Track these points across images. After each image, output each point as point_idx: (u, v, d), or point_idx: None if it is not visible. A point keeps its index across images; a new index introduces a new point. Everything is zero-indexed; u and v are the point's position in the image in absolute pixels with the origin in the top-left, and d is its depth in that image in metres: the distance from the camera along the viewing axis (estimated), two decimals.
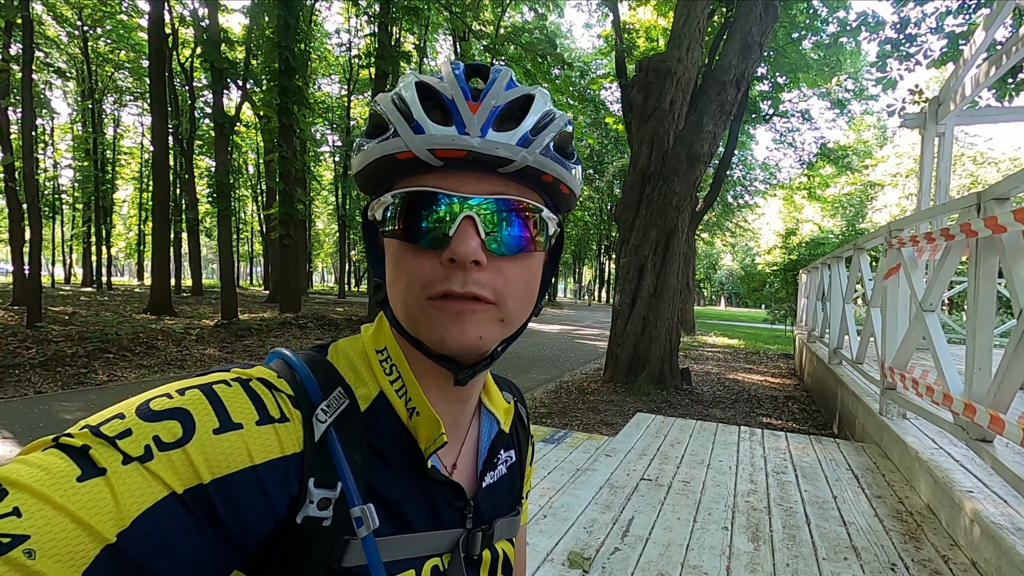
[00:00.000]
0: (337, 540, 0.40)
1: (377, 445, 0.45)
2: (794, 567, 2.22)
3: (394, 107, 0.44)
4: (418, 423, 0.46)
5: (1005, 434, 2.11)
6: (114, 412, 0.35)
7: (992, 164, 26.82)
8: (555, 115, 0.47)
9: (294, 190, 13.62)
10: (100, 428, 0.34)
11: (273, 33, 12.44)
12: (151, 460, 0.33)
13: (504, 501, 0.56)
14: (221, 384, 0.39)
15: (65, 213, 30.04)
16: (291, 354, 0.46)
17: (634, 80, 7.91)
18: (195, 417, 0.36)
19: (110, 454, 0.33)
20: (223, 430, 0.36)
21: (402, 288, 0.44)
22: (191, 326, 10.34)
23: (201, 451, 0.35)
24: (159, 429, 0.34)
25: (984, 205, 2.50)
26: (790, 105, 17.76)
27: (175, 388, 0.38)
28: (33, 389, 6.01)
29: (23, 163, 9.91)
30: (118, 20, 18.37)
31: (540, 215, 0.46)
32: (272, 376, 0.42)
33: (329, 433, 0.42)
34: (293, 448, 0.39)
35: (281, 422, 0.40)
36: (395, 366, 0.48)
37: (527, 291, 0.47)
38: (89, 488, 0.31)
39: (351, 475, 0.41)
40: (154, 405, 0.36)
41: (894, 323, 3.86)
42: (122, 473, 0.32)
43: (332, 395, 0.44)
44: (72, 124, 26.23)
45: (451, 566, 0.48)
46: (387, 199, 0.44)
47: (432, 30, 18.37)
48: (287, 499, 0.38)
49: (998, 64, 5.67)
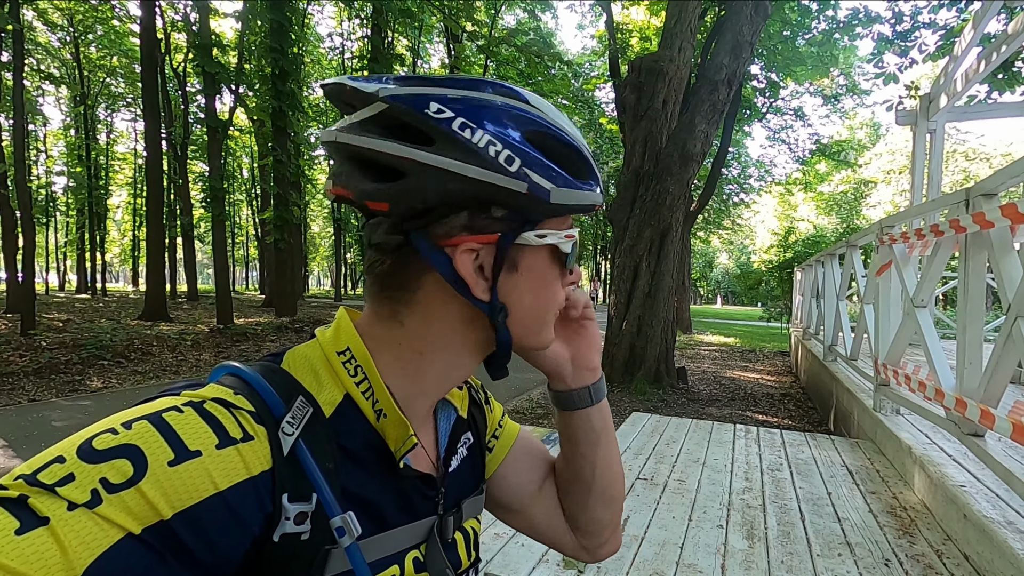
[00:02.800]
0: (318, 551, 0.40)
1: (348, 448, 0.44)
2: (789, 564, 2.23)
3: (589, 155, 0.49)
4: (386, 425, 0.46)
5: (995, 428, 2.12)
6: (52, 456, 0.33)
7: (984, 160, 26.98)
8: None
9: (289, 194, 13.62)
10: (37, 476, 0.31)
11: (266, 36, 12.44)
12: (100, 504, 0.31)
13: (468, 482, 0.57)
14: (172, 411, 0.37)
15: (58, 219, 29.93)
16: (244, 367, 0.44)
17: (627, 80, 7.94)
18: (145, 452, 0.34)
19: (52, 502, 0.30)
20: (179, 460, 0.34)
21: (549, 310, 0.51)
22: (186, 332, 10.31)
23: (157, 486, 0.33)
24: (106, 470, 0.32)
25: (972, 201, 2.51)
26: (783, 103, 17.82)
27: (120, 421, 0.36)
28: (27, 397, 5.98)
29: (15, 170, 9.88)
30: (110, 26, 18.33)
31: None
32: (228, 394, 0.40)
33: (298, 445, 0.40)
34: (261, 466, 0.38)
35: (244, 441, 0.38)
36: (360, 367, 0.47)
37: None
38: (31, 540, 0.29)
39: (326, 484, 0.40)
40: (97, 444, 0.33)
41: (887, 319, 3.88)
42: (68, 520, 0.30)
43: (295, 405, 0.42)
44: (65, 130, 26.15)
45: (429, 554, 0.49)
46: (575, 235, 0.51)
47: (425, 32, 18.38)
48: (261, 518, 0.37)
49: (988, 59, 5.71)
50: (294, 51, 13.39)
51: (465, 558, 0.55)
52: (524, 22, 19.06)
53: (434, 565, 0.49)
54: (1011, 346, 2.12)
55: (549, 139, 0.46)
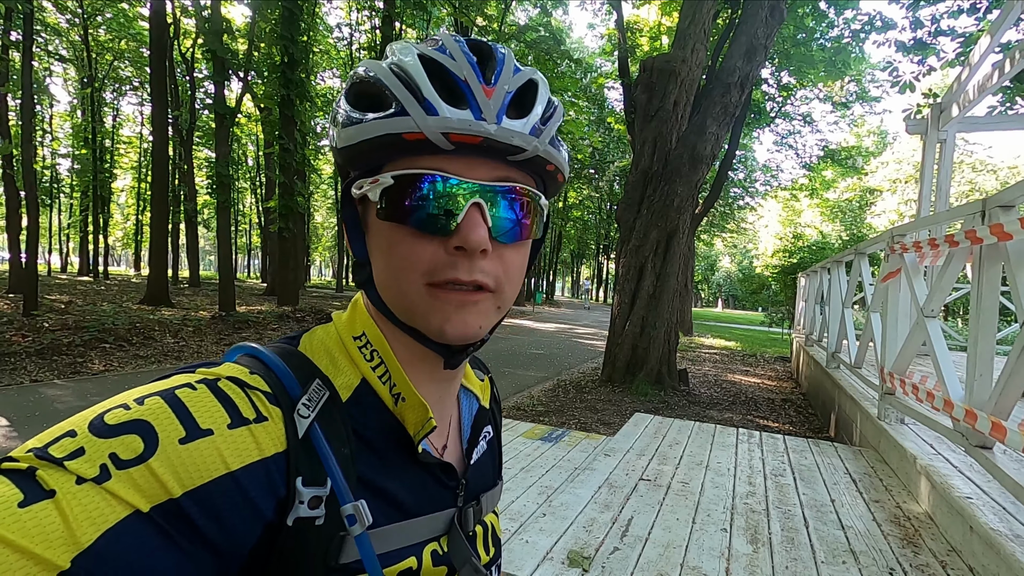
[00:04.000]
0: (333, 537, 0.39)
1: (364, 434, 0.43)
2: (793, 570, 2.22)
3: (397, 80, 0.41)
4: (404, 409, 0.45)
5: (1007, 441, 2.11)
6: (64, 430, 0.33)
7: (991, 172, 26.91)
8: (555, 104, 0.47)
9: (294, 183, 13.59)
10: (47, 449, 0.31)
11: (277, 24, 12.39)
12: (109, 480, 0.30)
13: (488, 475, 0.56)
14: (185, 388, 0.36)
15: (62, 201, 29.92)
16: (262, 348, 0.43)
17: (638, 80, 7.90)
18: (157, 428, 0.33)
19: (60, 475, 0.30)
20: (190, 438, 0.34)
21: (399, 273, 0.42)
22: (188, 317, 10.30)
23: (167, 464, 0.32)
24: (116, 446, 0.32)
25: (989, 212, 2.50)
26: (792, 108, 17.78)
27: (133, 397, 0.35)
28: (29, 377, 5.98)
29: (22, 151, 9.86)
30: (119, 9, 18.28)
31: (539, 202, 0.46)
32: (243, 373, 0.39)
33: (313, 428, 0.40)
34: (274, 448, 0.37)
35: (257, 422, 0.37)
36: (376, 351, 0.46)
37: (520, 276, 0.46)
38: (33, 513, 0.28)
39: (340, 470, 0.39)
40: (109, 419, 0.33)
41: (894, 328, 3.87)
42: (76, 493, 0.30)
43: (311, 387, 0.41)
44: (71, 112, 26.12)
45: (451, 546, 0.48)
46: (386, 180, 0.41)
47: (434, 25, 18.32)
48: (273, 502, 0.36)
49: (1002, 70, 5.67)
50: (303, 40, 13.35)
51: (484, 553, 0.53)
52: (535, 19, 19.00)
53: (458, 556, 0.47)
54: None
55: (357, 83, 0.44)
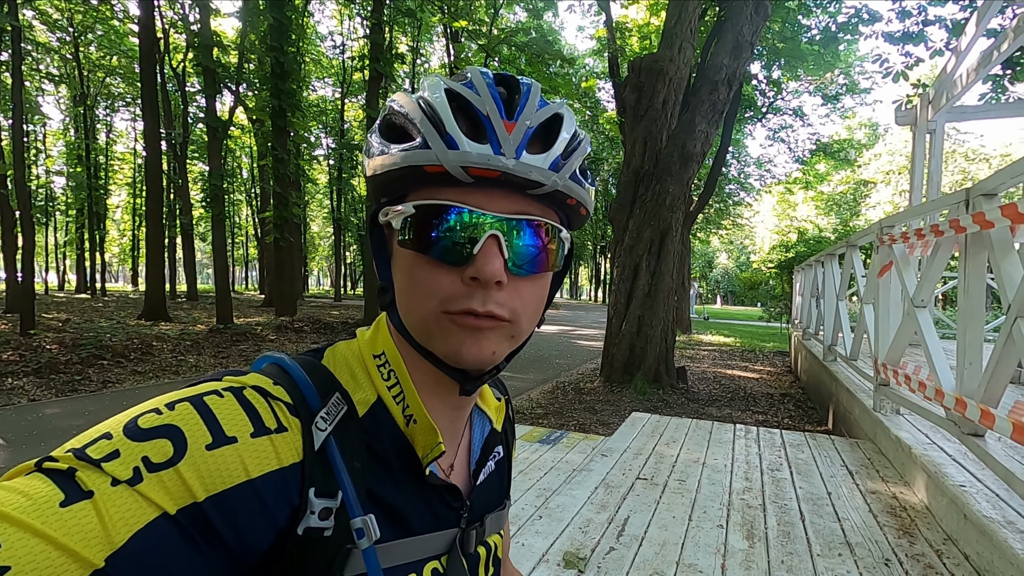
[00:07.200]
0: (339, 549, 0.40)
1: (377, 450, 0.45)
2: (789, 564, 2.23)
3: (423, 114, 0.42)
4: (415, 431, 0.46)
5: (995, 428, 2.12)
6: (100, 432, 0.34)
7: (984, 160, 27.00)
8: (581, 137, 0.47)
9: (288, 193, 13.61)
10: (86, 450, 0.33)
11: (266, 35, 12.43)
12: (141, 482, 0.32)
13: (493, 496, 0.57)
14: (213, 395, 0.38)
15: (58, 219, 29.91)
16: (287, 359, 0.45)
17: (627, 80, 7.93)
18: (186, 433, 0.35)
19: (97, 476, 0.31)
20: (216, 445, 0.35)
21: (417, 299, 0.43)
22: (186, 331, 10.30)
23: (194, 469, 0.34)
24: (148, 449, 0.33)
25: (972, 201, 2.52)
26: (783, 102, 17.81)
27: (164, 402, 0.37)
28: (27, 397, 5.97)
29: (14, 169, 9.87)
30: (109, 25, 18.32)
31: (559, 235, 0.46)
32: (268, 383, 0.41)
33: (329, 441, 0.41)
34: (291, 458, 0.39)
35: (278, 432, 0.39)
36: (393, 372, 0.47)
37: (538, 308, 0.47)
38: (73, 513, 0.30)
39: (351, 484, 0.41)
40: (142, 423, 0.35)
41: (886, 320, 3.88)
42: (111, 494, 0.31)
43: (330, 401, 0.43)
44: (64, 130, 26.14)
45: (450, 566, 0.49)
46: (407, 209, 0.42)
47: (425, 31, 18.38)
48: (287, 510, 0.38)
49: (989, 58, 5.70)
50: (293, 50, 13.39)
51: (484, 574, 0.54)
52: (524, 23, 19.06)
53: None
54: (1011, 346, 2.13)
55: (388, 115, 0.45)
